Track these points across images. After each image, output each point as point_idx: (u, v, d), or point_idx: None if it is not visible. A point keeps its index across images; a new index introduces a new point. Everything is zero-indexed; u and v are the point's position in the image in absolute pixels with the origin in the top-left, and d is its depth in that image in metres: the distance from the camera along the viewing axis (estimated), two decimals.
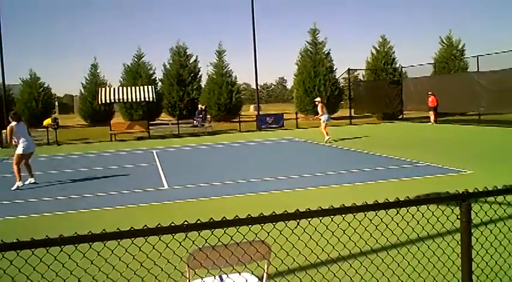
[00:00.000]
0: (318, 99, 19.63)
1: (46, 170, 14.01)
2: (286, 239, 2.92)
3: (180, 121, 28.14)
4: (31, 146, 11.01)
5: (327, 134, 18.53)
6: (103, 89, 27.56)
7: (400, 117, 31.09)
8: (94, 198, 9.34)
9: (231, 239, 2.55)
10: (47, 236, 1.97)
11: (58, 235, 1.96)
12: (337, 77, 35.99)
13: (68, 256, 2.19)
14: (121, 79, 38.67)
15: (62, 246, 1.97)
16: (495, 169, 10.63)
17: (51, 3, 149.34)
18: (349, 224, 2.79)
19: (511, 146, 15.44)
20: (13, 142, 10.93)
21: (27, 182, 10.94)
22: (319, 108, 18.96)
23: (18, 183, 10.57)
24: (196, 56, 39.50)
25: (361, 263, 3.63)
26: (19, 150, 10.70)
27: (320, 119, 18.94)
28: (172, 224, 2.12)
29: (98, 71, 40.35)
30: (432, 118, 26.42)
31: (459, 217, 2.57)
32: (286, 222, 2.30)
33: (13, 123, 10.68)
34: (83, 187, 10.59)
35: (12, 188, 10.49)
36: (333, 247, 3.16)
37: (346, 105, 36.05)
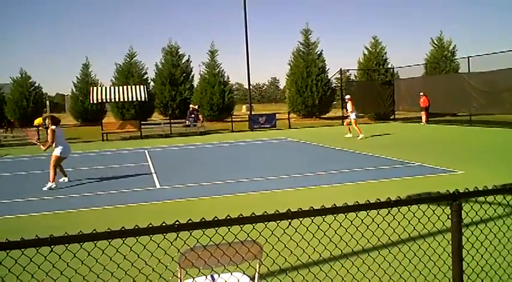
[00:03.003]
0: (348, 96, 20.75)
1: (30, 170, 13.89)
2: (278, 238, 2.92)
3: (172, 121, 28.03)
4: (68, 150, 11.17)
5: (360, 131, 19.59)
6: (95, 88, 27.45)
7: (392, 117, 31.23)
8: (85, 198, 9.29)
9: (223, 238, 2.55)
10: (36, 235, 1.95)
11: (48, 235, 1.94)
12: (329, 77, 36.11)
13: (58, 256, 2.17)
14: (113, 78, 38.55)
15: (52, 246, 1.96)
16: (486, 169, 10.71)
17: (42, 1, 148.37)
18: (340, 223, 2.80)
19: (501, 146, 15.56)
20: (41, 146, 11.08)
21: (61, 180, 11.06)
22: (349, 105, 20.02)
23: (52, 184, 10.45)
24: (189, 56, 39.58)
25: (352, 263, 3.64)
26: (57, 152, 10.73)
27: (349, 116, 20.15)
28: (164, 224, 2.11)
29: (89, 70, 40.17)
30: (424, 118, 26.56)
31: (450, 217, 2.59)
32: (277, 222, 2.30)
33: (53, 127, 10.82)
34: (73, 187, 10.52)
35: (45, 188, 10.35)
36: (325, 247, 3.16)
37: (338, 105, 36.15)
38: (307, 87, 34.84)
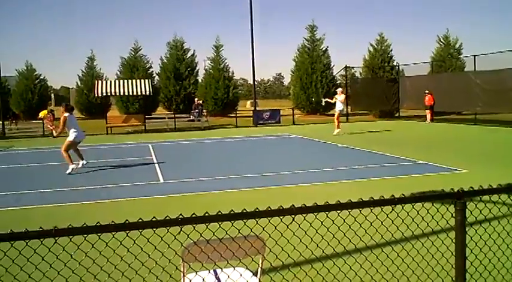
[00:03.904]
0: (340, 89, 21.48)
1: (34, 162, 13.94)
2: (281, 234, 2.92)
3: (176, 115, 28.07)
4: (81, 135, 11.91)
5: (338, 126, 20.00)
6: (99, 81, 27.46)
7: (396, 115, 31.13)
8: (89, 191, 9.32)
9: (226, 233, 2.55)
10: (40, 227, 1.96)
11: (52, 227, 1.95)
12: (334, 74, 36.01)
13: (62, 248, 2.18)
14: (118, 72, 38.58)
15: (56, 238, 1.96)
16: (490, 168, 10.67)
17: None
18: (344, 220, 2.79)
19: (506, 145, 15.50)
20: (54, 132, 12.01)
21: (80, 165, 11.64)
22: (339, 98, 20.29)
23: (72, 166, 11.30)
24: (194, 50, 39.52)
25: (355, 260, 3.64)
26: (70, 137, 11.51)
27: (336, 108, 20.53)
28: (167, 218, 2.11)
29: (94, 64, 40.23)
30: (428, 117, 26.45)
31: (454, 215, 2.58)
32: (281, 217, 2.30)
33: (66, 114, 11.48)
34: (77, 180, 10.56)
35: (67, 172, 11.15)
36: (328, 243, 3.16)
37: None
38: (311, 83, 34.75)
